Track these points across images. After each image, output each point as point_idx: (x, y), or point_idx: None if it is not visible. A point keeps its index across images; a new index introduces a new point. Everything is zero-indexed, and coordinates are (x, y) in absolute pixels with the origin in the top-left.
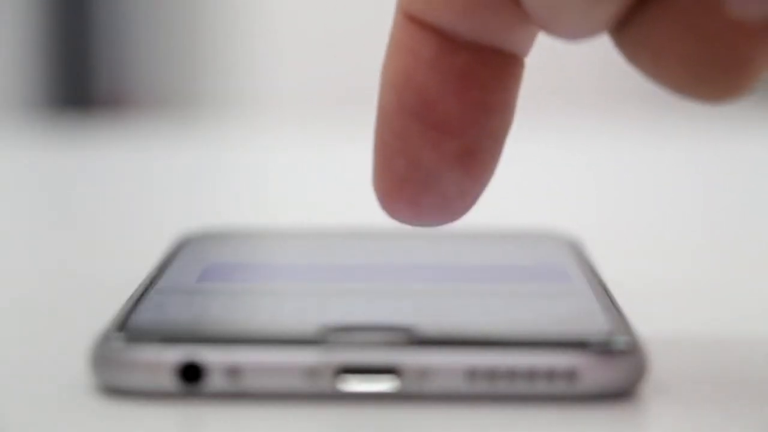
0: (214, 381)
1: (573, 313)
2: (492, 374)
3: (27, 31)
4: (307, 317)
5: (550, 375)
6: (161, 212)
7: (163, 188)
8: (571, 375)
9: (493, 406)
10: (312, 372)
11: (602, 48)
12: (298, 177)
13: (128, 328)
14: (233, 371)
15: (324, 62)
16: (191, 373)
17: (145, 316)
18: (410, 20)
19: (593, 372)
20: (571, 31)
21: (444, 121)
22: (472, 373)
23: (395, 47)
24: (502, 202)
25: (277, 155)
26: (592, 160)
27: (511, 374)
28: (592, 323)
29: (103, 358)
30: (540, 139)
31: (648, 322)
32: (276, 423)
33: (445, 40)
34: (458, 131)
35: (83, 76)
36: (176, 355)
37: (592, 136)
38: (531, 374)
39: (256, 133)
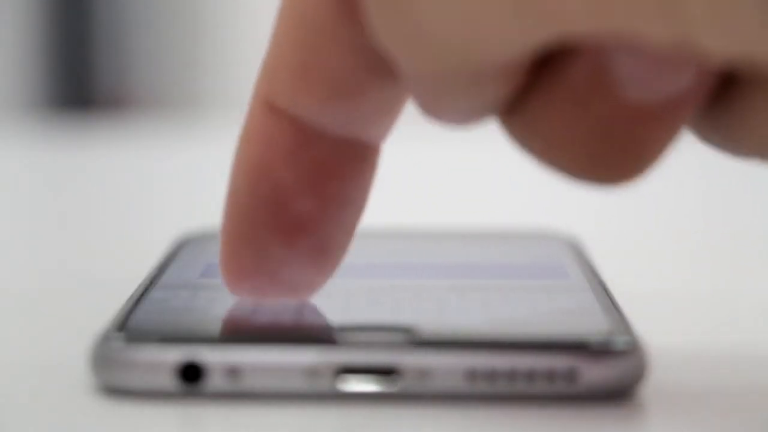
0: (214, 381)
1: (573, 313)
2: (492, 374)
3: (27, 31)
4: (307, 317)
5: (550, 375)
6: (161, 212)
7: (163, 188)
8: (571, 375)
9: (493, 406)
10: (312, 372)
11: None
12: None
13: (128, 328)
14: (233, 371)
15: None
16: (191, 373)
17: (145, 316)
18: (269, 109)
19: (593, 372)
20: (451, 116)
21: (298, 220)
22: (472, 374)
23: (250, 135)
24: (502, 202)
25: None
26: None
27: (511, 374)
28: (592, 323)
29: (103, 358)
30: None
31: (648, 322)
32: (276, 423)
33: (303, 131)
34: (313, 229)
35: (83, 76)
36: (176, 355)
37: None
38: (531, 374)
39: None
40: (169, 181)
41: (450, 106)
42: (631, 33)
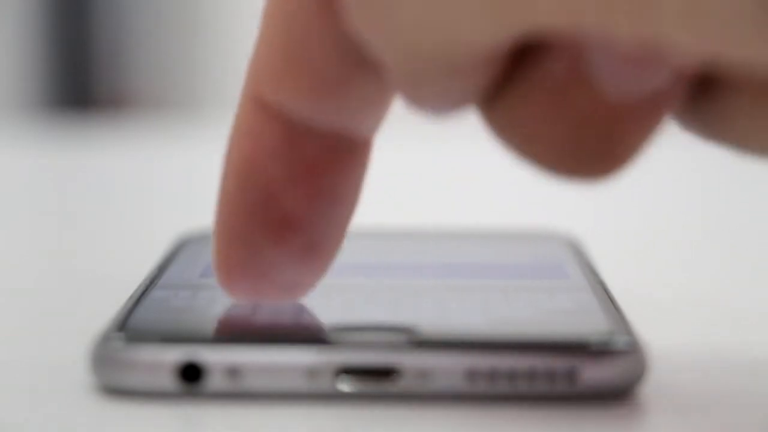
0: (214, 381)
1: (573, 313)
2: (492, 374)
3: (27, 31)
4: (307, 317)
5: (550, 375)
6: (161, 212)
7: (163, 188)
8: (571, 375)
9: (493, 406)
10: (312, 372)
11: None
12: None
13: (128, 328)
14: (233, 371)
15: None
16: (191, 373)
17: (145, 316)
18: (257, 106)
19: (593, 372)
20: (432, 105)
21: (289, 216)
22: (472, 374)
23: (240, 133)
24: (503, 202)
25: None
26: None
27: (511, 374)
28: (592, 323)
29: (103, 358)
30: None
31: (648, 322)
32: (276, 423)
33: (291, 127)
34: (302, 227)
35: (83, 76)
36: (176, 355)
37: None
38: (531, 374)
39: None
40: (169, 181)
41: (430, 95)
42: (601, 30)
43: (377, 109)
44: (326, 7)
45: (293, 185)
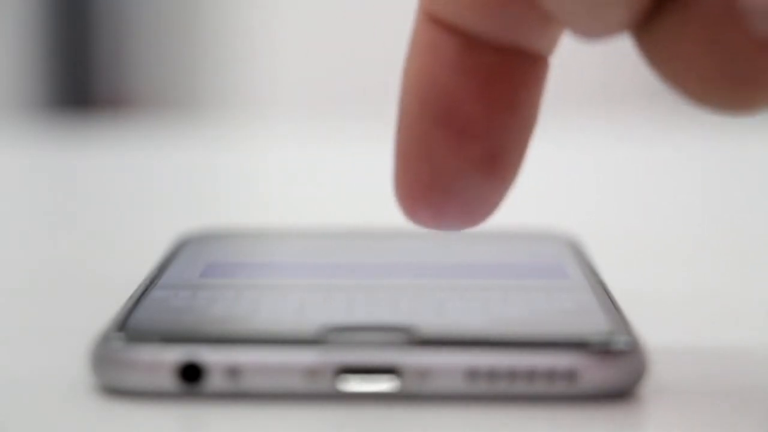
0: (214, 381)
1: (573, 313)
2: (492, 374)
3: (27, 31)
4: (307, 317)
5: (550, 375)
6: (161, 212)
7: (163, 188)
8: (571, 375)
9: (493, 406)
10: (312, 372)
11: (603, 48)
12: (298, 177)
13: (128, 328)
14: (233, 371)
15: (323, 62)
16: (191, 373)
17: (145, 316)
18: (432, 21)
19: (593, 372)
20: (588, 30)
21: (467, 125)
22: (472, 373)
23: (417, 49)
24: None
25: (277, 155)
26: (592, 160)
27: (511, 374)
28: (592, 323)
29: (103, 358)
30: (540, 138)
31: (648, 322)
32: (276, 423)
33: (468, 41)
34: (482, 135)
35: (83, 76)
36: (176, 355)
37: (591, 136)
38: (531, 374)
39: (255, 132)
40: (169, 181)
41: (584, 19)
42: None
43: (551, 28)
44: None
45: (472, 95)
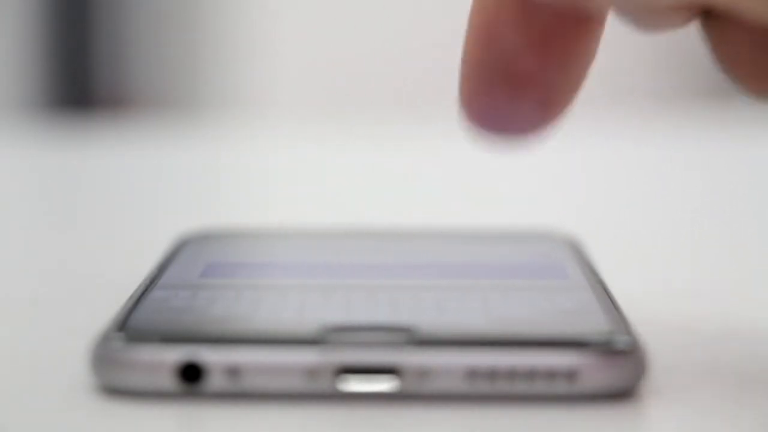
0: (214, 381)
1: (573, 313)
2: (492, 374)
3: (27, 31)
4: (307, 317)
5: (551, 375)
6: (161, 212)
7: (163, 188)
8: (571, 375)
9: (493, 406)
10: (312, 372)
11: (604, 49)
12: (298, 177)
13: (128, 328)
14: (233, 371)
15: (323, 62)
16: (191, 373)
17: (145, 316)
18: None
19: (593, 372)
20: (646, 28)
21: (524, 75)
22: (472, 373)
23: (478, 5)
24: (503, 202)
25: (277, 155)
26: (592, 160)
27: (511, 374)
28: (592, 323)
29: (103, 358)
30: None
31: (648, 322)
32: (276, 423)
33: (525, 1)
34: (537, 84)
35: (83, 76)
36: (176, 355)
37: (592, 136)
38: (531, 374)
39: (255, 132)
40: (170, 181)
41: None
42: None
43: None
44: None
45: (527, 50)
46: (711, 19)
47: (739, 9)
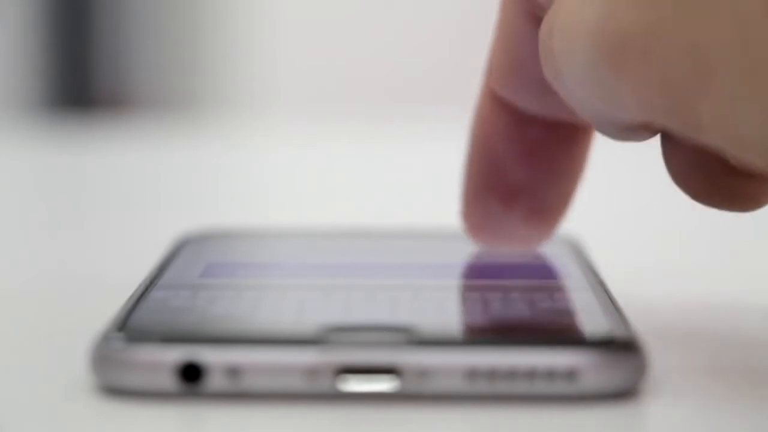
0: (214, 381)
1: (573, 312)
2: (492, 374)
3: (27, 31)
4: (307, 317)
5: (550, 375)
6: (161, 212)
7: (163, 188)
8: (571, 374)
9: (493, 406)
10: (312, 372)
11: None
12: (298, 176)
13: (128, 328)
14: (233, 371)
15: (324, 62)
16: (191, 373)
17: (145, 316)
18: (491, 96)
19: (593, 371)
20: (614, 137)
21: (515, 186)
22: (472, 373)
23: (479, 118)
24: None
25: (277, 155)
26: (592, 160)
27: (511, 374)
28: (592, 323)
29: (103, 358)
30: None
31: (648, 321)
32: (276, 423)
33: (520, 116)
34: (528, 195)
35: (83, 76)
36: (176, 355)
37: None
38: (531, 374)
39: (256, 132)
40: (169, 181)
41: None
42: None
43: None
44: (534, 22)
45: (519, 162)
46: (664, 137)
47: (684, 134)
